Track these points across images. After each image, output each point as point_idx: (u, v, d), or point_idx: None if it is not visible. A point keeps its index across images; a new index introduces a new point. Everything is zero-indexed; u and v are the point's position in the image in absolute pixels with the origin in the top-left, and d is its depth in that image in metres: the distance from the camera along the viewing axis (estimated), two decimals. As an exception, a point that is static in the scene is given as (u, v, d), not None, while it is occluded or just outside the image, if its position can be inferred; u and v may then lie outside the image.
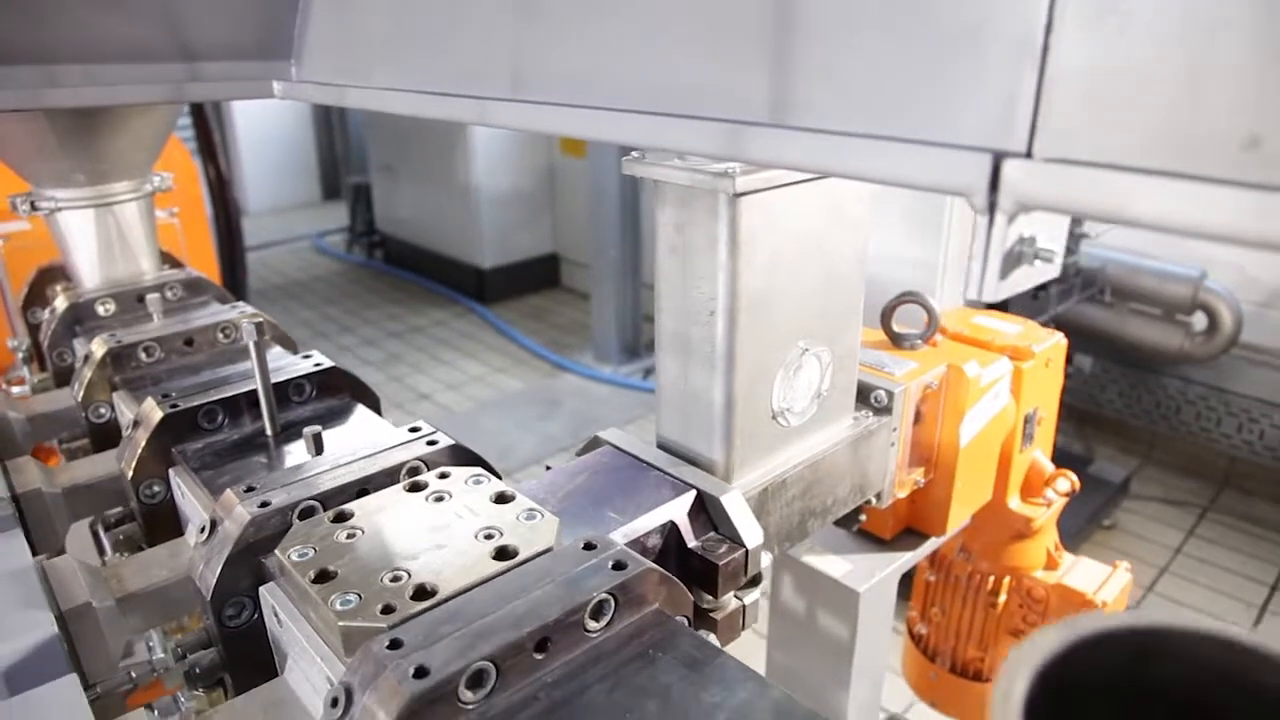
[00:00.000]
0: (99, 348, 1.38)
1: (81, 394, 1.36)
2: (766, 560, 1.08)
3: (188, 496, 1.10)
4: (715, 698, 0.73)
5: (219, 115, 4.40)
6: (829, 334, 1.17)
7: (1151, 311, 4.10)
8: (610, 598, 0.78)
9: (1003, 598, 1.89)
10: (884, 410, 1.34)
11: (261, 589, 0.90)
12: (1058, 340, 1.76)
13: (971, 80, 0.60)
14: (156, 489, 1.15)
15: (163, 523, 1.16)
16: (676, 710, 0.72)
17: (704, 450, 1.11)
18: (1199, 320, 4.06)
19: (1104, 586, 1.82)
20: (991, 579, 1.91)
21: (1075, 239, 3.70)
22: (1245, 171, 0.50)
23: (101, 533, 1.18)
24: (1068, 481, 1.81)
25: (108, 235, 1.64)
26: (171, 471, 1.14)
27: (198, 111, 3.97)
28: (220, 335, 1.47)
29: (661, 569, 0.83)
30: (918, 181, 0.62)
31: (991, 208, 0.58)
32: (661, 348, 1.12)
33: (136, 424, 1.16)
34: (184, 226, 2.40)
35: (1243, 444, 4.61)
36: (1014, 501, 1.82)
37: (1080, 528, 4.11)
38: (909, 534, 1.61)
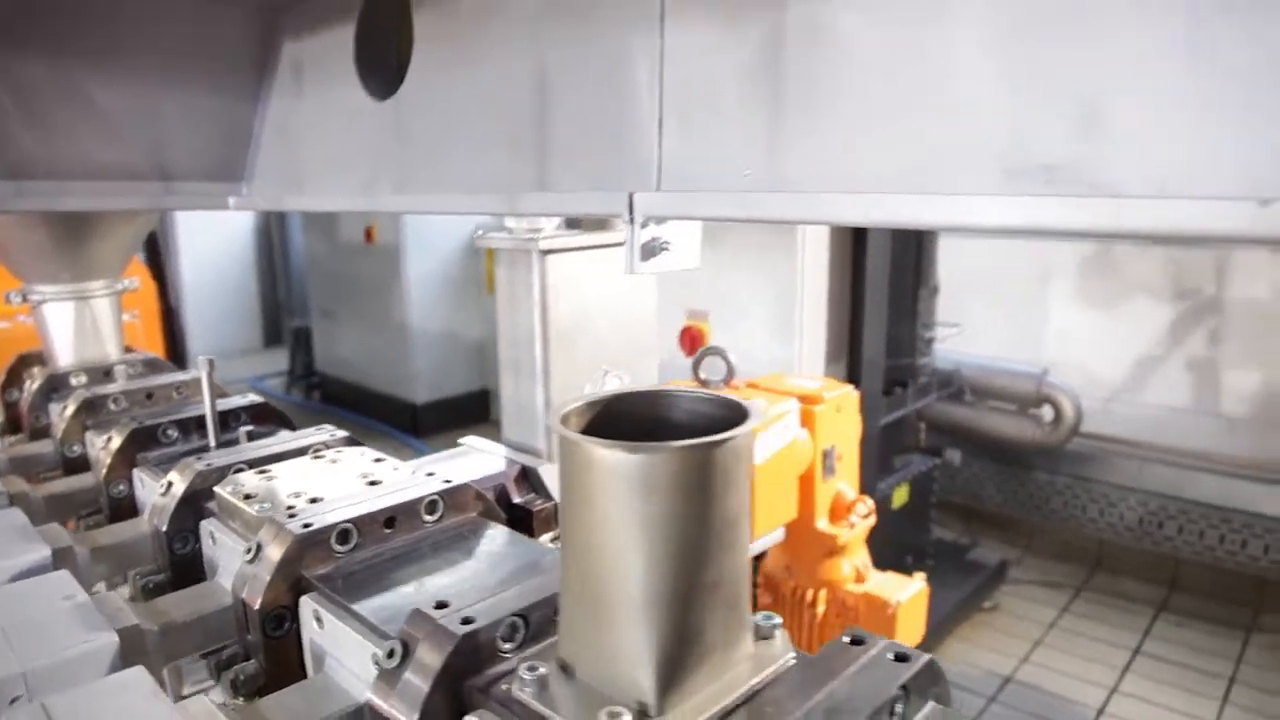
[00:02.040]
0: (74, 400, 1.76)
1: (60, 435, 1.73)
2: (579, 518, 1.48)
3: (147, 485, 1.47)
4: (495, 547, 1.13)
5: (168, 257, 4.84)
6: (627, 363, 1.62)
7: (1006, 407, 4.67)
8: (439, 499, 1.18)
9: (821, 608, 2.27)
10: (686, 428, 1.77)
11: (202, 522, 1.27)
12: (848, 391, 2.23)
13: (627, 159, 1.09)
14: (122, 488, 1.52)
15: (125, 514, 1.52)
16: (468, 551, 1.11)
17: (532, 443, 1.53)
18: (1046, 412, 4.63)
19: (902, 591, 2.21)
20: (810, 592, 2.30)
21: (926, 343, 4.28)
22: (750, 185, 0.99)
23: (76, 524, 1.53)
24: (865, 506, 2.24)
25: (83, 324, 2.05)
26: (135, 472, 1.52)
27: (152, 250, 4.43)
28: (175, 393, 1.87)
29: (478, 489, 1.24)
30: (599, 211, 1.10)
31: (631, 220, 1.06)
32: (502, 370, 1.56)
33: (109, 440, 1.54)
34: (144, 339, 2.79)
35: (1107, 527, 5.10)
36: (822, 523, 2.23)
37: (961, 609, 4.49)
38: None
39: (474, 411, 8.43)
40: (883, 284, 3.55)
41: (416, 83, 1.41)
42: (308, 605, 1.04)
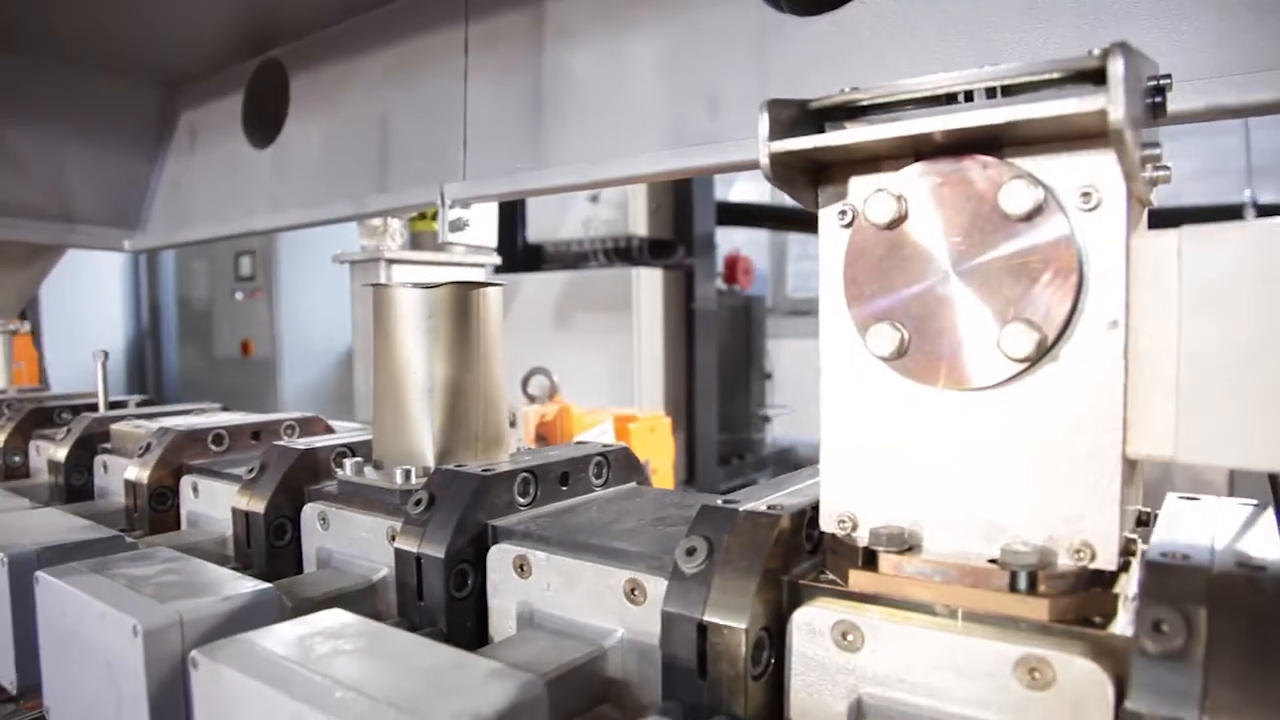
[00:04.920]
0: (-29, 408, 2.01)
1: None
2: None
3: (42, 453, 1.74)
4: (344, 450, 1.48)
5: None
6: (462, 359, 2.02)
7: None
8: (295, 424, 1.53)
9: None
10: (512, 424, 2.16)
11: (96, 457, 1.57)
12: (660, 415, 2.67)
13: (442, 165, 1.54)
14: (17, 459, 1.78)
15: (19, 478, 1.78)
16: (322, 452, 1.46)
17: (380, 416, 1.89)
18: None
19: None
20: (634, 587, 2.63)
21: (761, 420, 4.80)
22: (521, 170, 1.44)
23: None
24: (678, 512, 2.62)
25: (-23, 356, 2.30)
26: (31, 444, 1.79)
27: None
28: (67, 409, 2.13)
29: (328, 422, 1.59)
30: (421, 200, 1.53)
31: (443, 203, 1.49)
32: (356, 361, 1.93)
33: (9, 420, 1.81)
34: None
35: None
36: (641, 526, 2.59)
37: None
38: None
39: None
40: (712, 366, 4.07)
41: (291, 131, 1.84)
42: (187, 481, 1.36)
